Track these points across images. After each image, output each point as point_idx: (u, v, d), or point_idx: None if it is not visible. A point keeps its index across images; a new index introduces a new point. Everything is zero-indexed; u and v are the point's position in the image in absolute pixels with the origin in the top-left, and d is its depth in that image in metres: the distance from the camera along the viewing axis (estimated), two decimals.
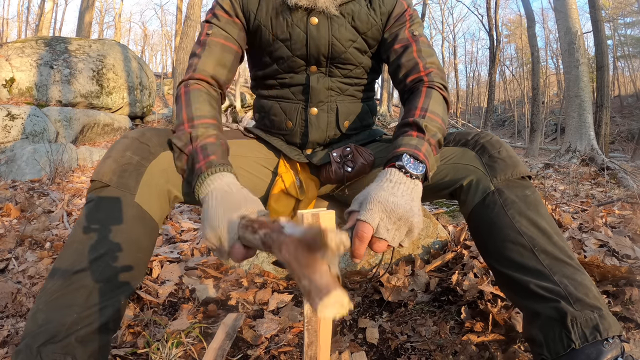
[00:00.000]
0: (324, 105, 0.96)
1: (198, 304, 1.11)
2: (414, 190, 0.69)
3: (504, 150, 0.81)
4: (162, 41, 33.71)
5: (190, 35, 7.79)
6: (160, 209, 0.76)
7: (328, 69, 0.95)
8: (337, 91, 0.96)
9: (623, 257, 1.19)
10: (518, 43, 27.10)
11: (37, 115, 5.16)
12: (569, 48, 6.56)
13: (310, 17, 0.89)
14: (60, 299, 0.64)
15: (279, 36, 0.91)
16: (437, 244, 1.33)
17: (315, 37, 0.90)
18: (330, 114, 0.97)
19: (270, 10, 0.90)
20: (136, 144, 0.76)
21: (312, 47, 0.91)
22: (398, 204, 0.64)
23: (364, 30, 0.93)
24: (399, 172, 0.69)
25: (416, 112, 0.81)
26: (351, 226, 0.64)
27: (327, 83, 0.95)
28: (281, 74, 0.96)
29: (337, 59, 0.93)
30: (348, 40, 0.92)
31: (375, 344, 0.91)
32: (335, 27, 0.91)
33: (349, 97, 0.99)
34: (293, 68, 0.94)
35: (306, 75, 0.95)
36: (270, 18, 0.90)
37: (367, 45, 0.95)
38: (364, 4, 0.92)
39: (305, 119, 0.96)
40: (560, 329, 0.65)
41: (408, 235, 0.66)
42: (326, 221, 0.53)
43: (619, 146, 14.15)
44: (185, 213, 2.25)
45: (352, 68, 0.96)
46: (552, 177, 4.50)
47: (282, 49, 0.92)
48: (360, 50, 0.95)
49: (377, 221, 0.63)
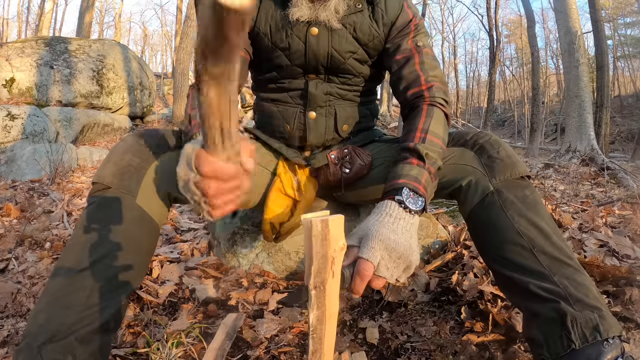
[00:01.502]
0: (323, 109, 0.96)
1: (198, 304, 1.11)
2: (413, 226, 0.69)
3: (503, 150, 0.81)
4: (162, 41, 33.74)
5: (190, 35, 7.79)
6: (160, 211, 0.77)
7: (327, 76, 0.95)
8: (336, 96, 0.96)
9: (623, 257, 1.19)
10: (518, 43, 27.10)
11: (37, 115, 5.16)
12: (569, 48, 6.56)
13: (311, 28, 0.89)
14: (61, 299, 0.65)
15: (278, 45, 0.91)
16: (437, 244, 1.33)
17: (315, 48, 0.90)
18: (328, 118, 0.96)
19: (270, 19, 0.90)
20: (136, 146, 0.77)
21: (311, 57, 0.91)
22: (398, 242, 0.64)
23: (366, 41, 0.92)
24: (398, 207, 0.69)
25: (416, 134, 0.80)
26: (351, 262, 0.64)
27: (325, 88, 0.94)
28: (280, 79, 0.96)
29: (336, 69, 0.93)
30: (348, 52, 0.92)
31: (375, 344, 0.91)
32: (336, 39, 0.90)
33: (348, 101, 0.98)
34: (292, 75, 0.94)
35: (305, 81, 0.94)
36: (269, 26, 0.90)
37: (368, 55, 0.95)
38: (367, 14, 0.91)
39: (304, 123, 0.96)
40: (560, 329, 0.65)
41: (405, 272, 0.67)
42: (335, 227, 0.52)
43: (619, 146, 14.13)
44: (185, 213, 2.25)
45: (351, 77, 0.96)
46: (552, 177, 4.50)
47: (281, 57, 0.92)
48: (360, 61, 0.95)
49: (379, 259, 0.63)
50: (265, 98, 1.00)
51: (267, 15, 0.90)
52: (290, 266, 1.23)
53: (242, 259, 1.27)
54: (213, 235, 1.47)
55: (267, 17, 0.90)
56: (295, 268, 1.23)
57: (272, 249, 1.24)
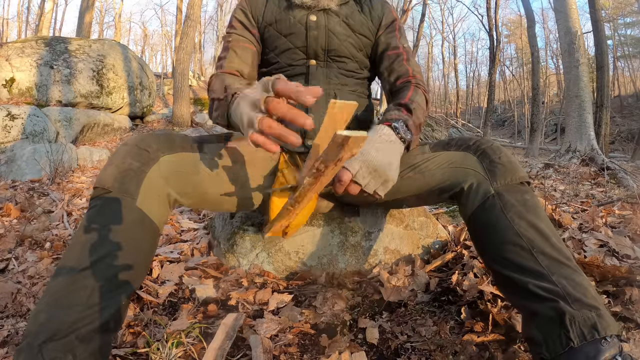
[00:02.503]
0: (323, 92, 1.00)
1: (198, 304, 1.11)
2: (398, 150, 0.82)
3: (505, 156, 0.84)
4: (162, 41, 33.72)
5: (190, 35, 7.79)
6: (160, 213, 0.78)
7: (326, 62, 1.04)
8: (335, 80, 1.05)
9: (623, 257, 1.19)
10: (518, 43, 27.10)
11: (37, 115, 5.16)
12: (569, 48, 6.56)
13: (310, 15, 1.03)
14: (62, 299, 0.65)
15: (282, 32, 1.04)
16: (437, 244, 1.34)
17: (315, 31, 1.03)
18: (329, 100, 1.00)
19: (275, 12, 1.05)
20: (136, 150, 0.78)
21: (312, 39, 1.03)
22: (378, 159, 0.76)
23: (357, 28, 1.06)
24: (391, 131, 0.83)
25: (406, 99, 0.95)
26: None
27: (325, 72, 1.05)
28: (283, 67, 1.05)
29: (334, 51, 1.04)
30: (343, 34, 1.04)
31: (375, 344, 0.91)
32: (332, 24, 1.04)
33: (346, 86, 1.07)
34: (294, 60, 1.04)
35: (306, 66, 1.05)
36: (274, 18, 1.05)
37: (362, 43, 1.07)
38: (356, 8, 1.08)
39: (306, 107, 0.99)
40: (558, 328, 0.65)
41: (383, 185, 0.78)
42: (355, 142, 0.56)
43: (619, 146, 14.14)
44: (185, 213, 2.25)
45: (348, 62, 1.06)
46: (552, 177, 4.51)
47: (286, 43, 1.04)
48: (355, 47, 1.06)
49: (357, 170, 0.75)
50: None
51: (272, 9, 1.05)
52: (290, 266, 1.24)
53: (242, 259, 1.27)
54: (213, 235, 1.47)
55: (272, 10, 1.05)
56: (295, 268, 1.24)
57: (272, 249, 1.24)
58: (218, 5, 26.31)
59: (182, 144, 0.86)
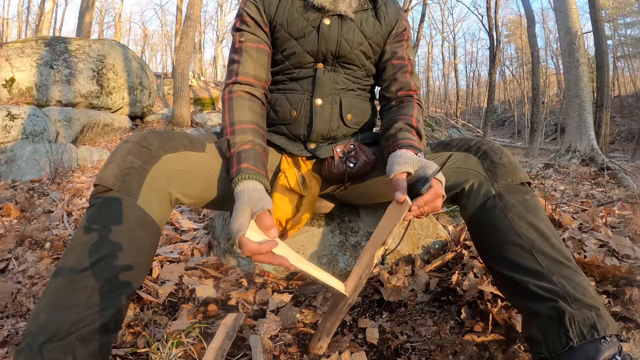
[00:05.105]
0: (329, 97, 1.00)
1: (198, 304, 1.11)
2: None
3: (506, 157, 0.84)
4: (162, 41, 33.73)
5: (190, 35, 7.78)
6: (162, 212, 0.77)
7: (334, 67, 1.01)
8: (342, 85, 1.02)
9: (623, 257, 1.19)
10: (518, 43, 27.09)
11: (37, 115, 5.16)
12: (569, 48, 6.56)
13: (324, 18, 0.97)
14: (62, 300, 0.65)
15: (293, 34, 0.99)
16: (437, 244, 1.34)
17: (327, 36, 0.97)
18: (334, 106, 1.01)
19: (287, 11, 0.99)
20: (137, 148, 0.77)
21: (322, 44, 0.98)
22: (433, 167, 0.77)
23: (370, 35, 1.01)
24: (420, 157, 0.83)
25: (413, 119, 0.94)
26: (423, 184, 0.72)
27: (332, 77, 1.01)
28: (290, 69, 1.02)
29: (343, 58, 1.00)
30: (355, 42, 0.99)
31: (375, 344, 0.91)
32: (345, 29, 0.98)
33: (352, 91, 1.04)
34: (302, 64, 1.01)
35: (314, 69, 1.01)
36: (286, 18, 0.99)
37: (372, 50, 1.03)
38: (371, 14, 1.03)
39: (310, 109, 1.00)
40: (558, 327, 0.65)
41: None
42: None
43: (619, 146, 14.13)
44: (185, 213, 2.25)
45: (356, 69, 1.03)
46: (552, 177, 4.51)
47: (296, 46, 0.99)
48: (365, 55, 1.02)
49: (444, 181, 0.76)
50: (273, 90, 1.05)
51: (284, 9, 0.99)
52: None
53: (242, 259, 1.27)
54: (213, 235, 1.47)
55: (284, 9, 0.99)
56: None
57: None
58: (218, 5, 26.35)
59: (184, 142, 0.85)
